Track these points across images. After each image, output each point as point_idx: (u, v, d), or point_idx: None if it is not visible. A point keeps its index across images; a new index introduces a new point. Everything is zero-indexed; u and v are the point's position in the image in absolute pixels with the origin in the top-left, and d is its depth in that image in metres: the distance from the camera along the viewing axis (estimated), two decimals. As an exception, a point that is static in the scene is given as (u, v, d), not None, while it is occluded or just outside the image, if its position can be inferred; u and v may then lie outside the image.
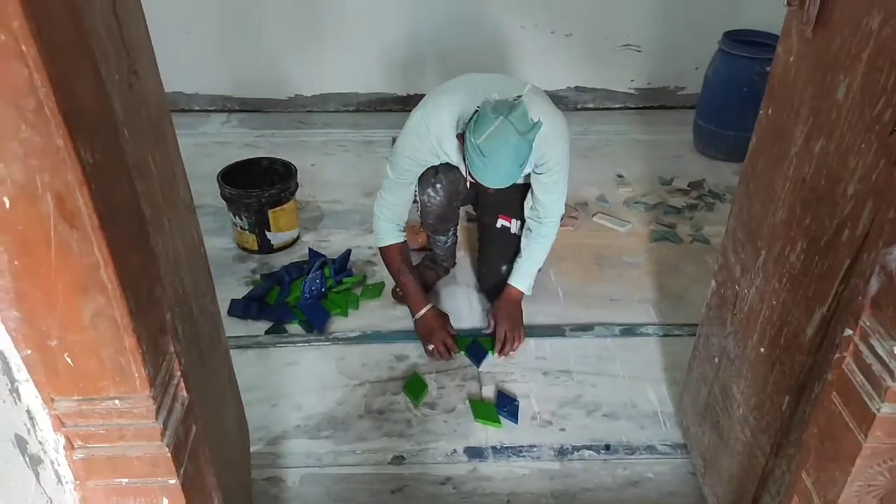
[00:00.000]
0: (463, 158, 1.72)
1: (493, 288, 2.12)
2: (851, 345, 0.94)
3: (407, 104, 3.39)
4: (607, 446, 1.71)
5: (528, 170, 1.84)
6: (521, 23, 3.30)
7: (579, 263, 2.38)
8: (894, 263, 0.86)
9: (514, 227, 2.07)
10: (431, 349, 1.94)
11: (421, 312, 1.98)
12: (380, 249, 2.02)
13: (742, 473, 1.35)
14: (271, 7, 3.21)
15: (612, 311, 2.16)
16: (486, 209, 2.13)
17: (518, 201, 2.02)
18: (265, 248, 2.39)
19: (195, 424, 0.98)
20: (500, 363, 1.96)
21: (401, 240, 1.99)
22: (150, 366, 0.83)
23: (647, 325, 2.11)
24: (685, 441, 1.70)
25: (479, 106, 1.62)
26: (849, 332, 0.94)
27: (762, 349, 1.24)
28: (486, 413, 1.78)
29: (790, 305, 1.14)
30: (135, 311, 0.78)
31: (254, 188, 2.29)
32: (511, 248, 2.07)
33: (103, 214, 0.71)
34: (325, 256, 2.34)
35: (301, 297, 2.15)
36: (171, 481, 0.92)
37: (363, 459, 1.67)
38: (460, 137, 1.73)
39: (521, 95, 1.64)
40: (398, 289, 2.10)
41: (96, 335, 0.78)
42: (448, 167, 1.89)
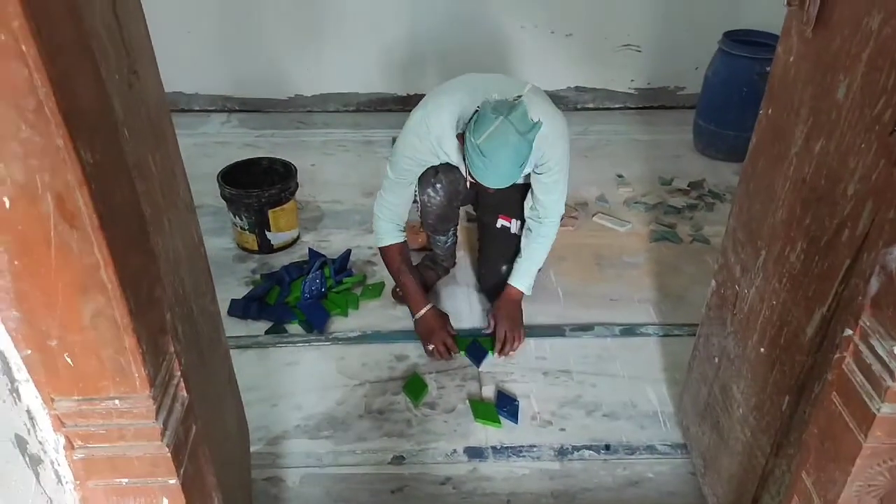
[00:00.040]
0: (463, 158, 1.72)
1: (493, 288, 2.12)
2: (851, 345, 0.94)
3: (407, 104, 3.39)
4: (607, 446, 1.71)
5: (529, 170, 1.84)
6: (521, 23, 3.30)
7: (579, 263, 2.38)
8: (894, 263, 0.86)
9: (514, 227, 2.07)
10: (431, 349, 1.94)
11: (421, 312, 1.98)
12: (380, 249, 2.02)
13: (742, 473, 1.35)
14: (271, 7, 3.21)
15: (612, 311, 2.16)
16: (486, 209, 2.13)
17: (518, 201, 2.02)
18: (265, 248, 2.39)
19: (195, 424, 0.98)
20: (500, 363, 1.96)
21: (401, 240, 1.99)
22: (150, 366, 0.83)
23: (647, 325, 2.11)
24: (685, 441, 1.70)
25: (479, 106, 1.62)
26: (849, 332, 0.94)
27: (762, 349, 1.24)
28: (486, 413, 1.78)
29: (790, 305, 1.14)
30: (135, 311, 0.78)
31: (254, 188, 2.29)
32: (511, 248, 2.07)
33: (103, 214, 0.71)
34: (325, 256, 2.34)
35: (301, 297, 2.15)
36: (171, 481, 0.92)
37: (363, 459, 1.67)
38: (460, 137, 1.73)
39: (521, 95, 1.64)
40: (398, 289, 2.10)
41: (96, 335, 0.78)
42: (448, 167, 1.90)
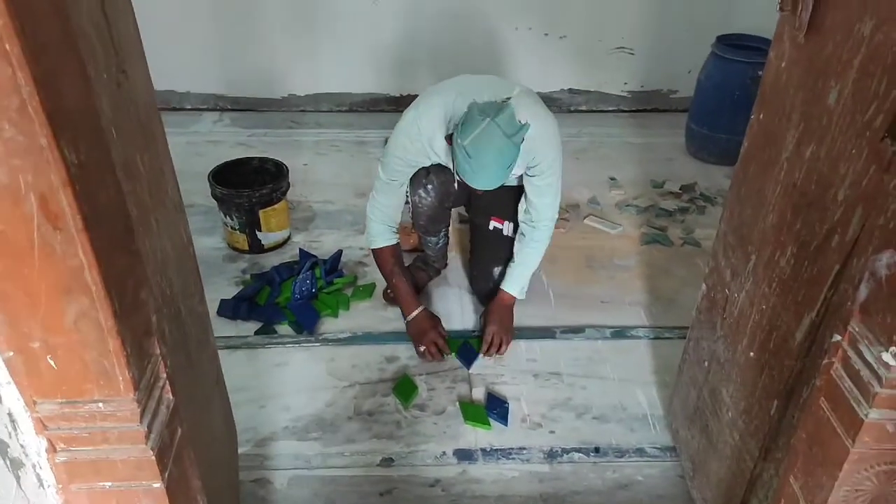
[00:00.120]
0: (452, 159, 1.71)
1: (485, 290, 2.12)
2: (840, 350, 0.94)
3: (400, 105, 3.38)
4: (597, 449, 1.71)
5: (520, 172, 1.84)
6: (515, 24, 3.30)
7: (570, 265, 2.38)
8: (883, 269, 0.86)
9: (507, 229, 2.06)
10: (423, 350, 1.94)
11: (413, 314, 1.97)
12: (372, 251, 2.01)
13: (730, 477, 1.35)
14: (265, 6, 3.19)
15: (603, 313, 2.16)
16: (478, 211, 2.13)
17: (511, 203, 2.01)
18: (256, 248, 2.37)
19: (180, 427, 0.97)
20: (491, 365, 1.96)
21: (393, 241, 1.98)
22: (134, 368, 0.82)
23: (638, 327, 2.11)
24: (674, 444, 1.70)
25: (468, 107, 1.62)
26: (837, 337, 0.94)
27: (751, 353, 1.25)
28: (476, 415, 1.77)
29: (780, 310, 1.14)
30: (119, 313, 0.77)
31: (245, 188, 2.28)
32: (503, 249, 2.07)
33: (88, 215, 0.70)
34: (316, 257, 2.33)
35: (291, 297, 2.14)
36: (156, 485, 0.91)
37: (352, 461, 1.66)
38: (449, 139, 1.73)
39: (509, 97, 1.64)
40: (390, 290, 2.09)
41: (80, 337, 0.77)
42: (439, 168, 1.89)
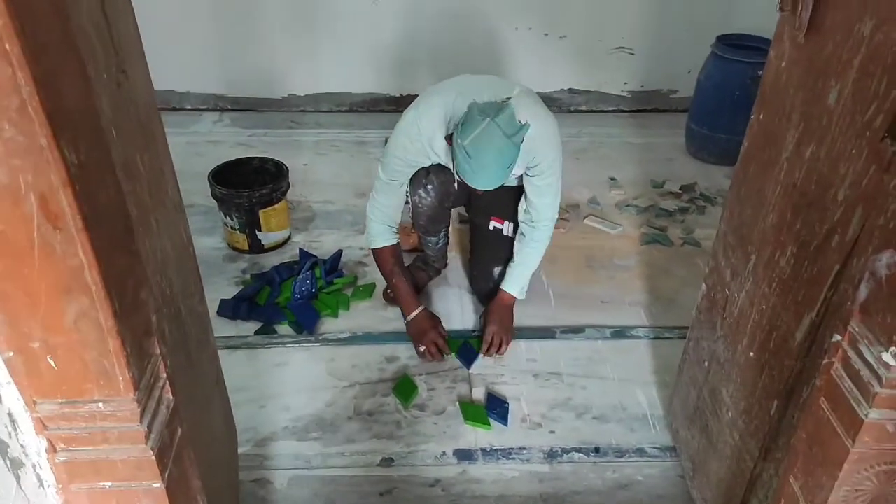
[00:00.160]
0: (452, 159, 1.71)
1: (485, 290, 2.12)
2: (840, 350, 0.94)
3: (400, 105, 3.38)
4: (597, 449, 1.71)
5: (520, 172, 1.84)
6: (515, 24, 3.30)
7: (570, 265, 2.38)
8: (883, 269, 0.86)
9: (507, 229, 2.06)
10: (423, 350, 1.94)
11: (413, 314, 1.97)
12: (372, 251, 2.01)
13: (730, 477, 1.35)
14: (265, 6, 3.19)
15: (603, 313, 2.16)
16: (478, 211, 2.13)
17: (511, 203, 2.01)
18: (256, 248, 2.37)
19: (181, 427, 0.97)
20: (491, 365, 1.96)
21: (393, 241, 1.98)
22: (134, 368, 0.82)
23: (638, 327, 2.11)
24: (674, 444, 1.70)
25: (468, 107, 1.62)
26: (837, 337, 0.94)
27: (751, 353, 1.25)
28: (476, 415, 1.77)
29: (780, 310, 1.14)
30: (119, 313, 0.77)
31: (245, 188, 2.28)
32: (503, 249, 2.06)
33: (88, 215, 0.70)
34: (316, 257, 2.33)
35: (291, 297, 2.14)
36: (156, 485, 0.91)
37: (352, 461, 1.66)
38: (449, 139, 1.73)
39: (509, 97, 1.64)
40: (390, 290, 2.09)
41: (80, 337, 0.77)
42: (439, 168, 1.89)
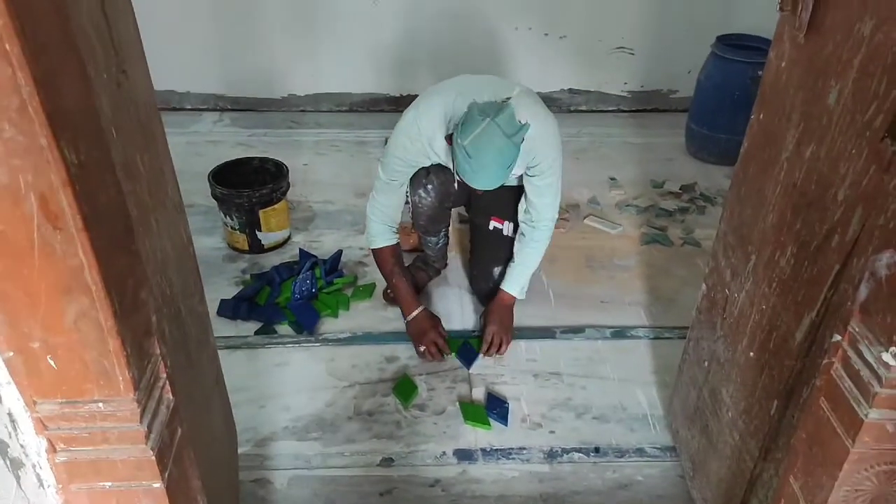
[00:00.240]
0: (452, 159, 1.71)
1: (485, 290, 2.12)
2: (840, 350, 0.94)
3: (400, 105, 3.38)
4: (597, 449, 1.71)
5: (520, 171, 1.84)
6: (515, 24, 3.30)
7: (570, 265, 2.38)
8: (883, 269, 0.86)
9: (507, 229, 2.06)
10: (423, 350, 1.94)
11: (413, 314, 1.97)
12: (372, 251, 2.01)
13: (730, 477, 1.35)
14: (265, 6, 3.19)
15: (603, 313, 2.16)
16: (478, 211, 2.13)
17: (511, 203, 2.01)
18: (256, 248, 2.37)
19: (180, 427, 0.97)
20: (491, 365, 1.96)
21: (393, 241, 1.98)
22: (134, 368, 0.82)
23: (638, 327, 2.11)
24: (674, 444, 1.70)
25: (468, 107, 1.62)
26: (837, 337, 0.94)
27: (751, 353, 1.25)
28: (476, 415, 1.77)
29: (780, 310, 1.14)
30: (119, 313, 0.77)
31: (245, 188, 2.28)
32: (503, 249, 2.06)
33: (88, 215, 0.70)
34: (316, 257, 2.33)
35: (291, 297, 2.14)
36: (156, 485, 0.91)
37: (352, 461, 1.66)
38: (449, 139, 1.73)
39: (509, 97, 1.64)
40: (390, 290, 2.09)
41: (80, 337, 0.77)
42: (439, 168, 1.89)
